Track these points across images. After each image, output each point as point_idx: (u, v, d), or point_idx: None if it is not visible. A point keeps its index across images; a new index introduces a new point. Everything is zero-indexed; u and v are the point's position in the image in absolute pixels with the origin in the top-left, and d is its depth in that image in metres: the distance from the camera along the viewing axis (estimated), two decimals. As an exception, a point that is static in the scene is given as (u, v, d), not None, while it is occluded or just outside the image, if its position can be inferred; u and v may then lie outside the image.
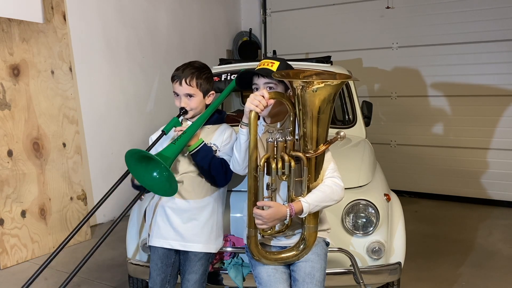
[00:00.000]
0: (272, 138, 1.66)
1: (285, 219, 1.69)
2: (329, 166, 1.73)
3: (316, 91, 1.55)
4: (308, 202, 1.63)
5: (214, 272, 2.07)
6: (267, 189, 1.69)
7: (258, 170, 1.65)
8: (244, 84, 1.89)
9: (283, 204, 1.68)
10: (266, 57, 3.17)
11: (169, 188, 1.76)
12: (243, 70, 1.88)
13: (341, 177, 1.73)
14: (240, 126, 1.72)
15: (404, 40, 4.96)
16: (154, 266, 1.97)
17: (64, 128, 3.71)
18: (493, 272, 3.03)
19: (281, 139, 1.65)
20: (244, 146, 1.72)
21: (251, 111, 1.62)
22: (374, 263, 2.09)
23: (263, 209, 1.65)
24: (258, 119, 1.67)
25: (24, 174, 3.40)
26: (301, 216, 1.68)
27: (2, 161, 3.26)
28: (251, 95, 1.64)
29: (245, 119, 1.68)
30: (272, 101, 1.65)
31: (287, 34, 5.76)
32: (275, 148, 1.66)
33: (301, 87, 1.56)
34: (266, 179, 1.69)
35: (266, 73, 1.74)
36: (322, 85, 1.56)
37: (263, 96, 1.62)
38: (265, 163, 1.66)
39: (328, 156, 1.75)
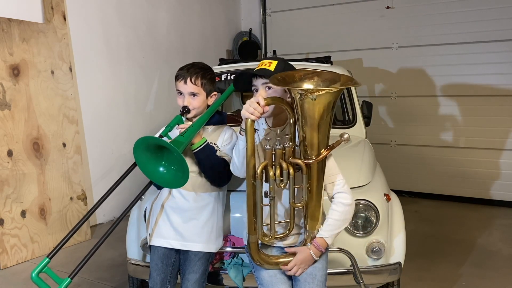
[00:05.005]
0: (270, 146, 1.63)
1: (316, 259, 1.71)
2: (337, 179, 1.71)
3: (315, 99, 1.51)
4: (328, 236, 1.68)
5: (214, 272, 2.07)
6: (266, 196, 1.66)
7: (256, 178, 1.62)
8: (243, 85, 1.89)
9: (305, 246, 1.70)
10: (265, 58, 3.17)
11: (181, 177, 1.73)
12: (239, 72, 1.86)
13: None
14: (239, 132, 1.71)
15: (404, 40, 4.95)
16: (154, 266, 1.97)
17: (64, 128, 3.71)
18: (493, 272, 3.03)
19: (279, 147, 1.62)
20: (243, 152, 1.71)
21: (247, 118, 1.59)
22: (374, 263, 2.09)
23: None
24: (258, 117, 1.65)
25: (24, 174, 3.40)
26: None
27: (2, 161, 3.26)
28: (247, 102, 1.60)
29: (243, 125, 1.65)
30: (267, 108, 1.62)
31: (287, 34, 5.76)
32: (273, 155, 1.63)
33: (299, 95, 1.52)
34: (266, 186, 1.67)
35: (263, 73, 1.72)
36: (322, 92, 1.52)
37: (258, 103, 1.58)
38: (263, 171, 1.63)
39: (333, 165, 1.71)
